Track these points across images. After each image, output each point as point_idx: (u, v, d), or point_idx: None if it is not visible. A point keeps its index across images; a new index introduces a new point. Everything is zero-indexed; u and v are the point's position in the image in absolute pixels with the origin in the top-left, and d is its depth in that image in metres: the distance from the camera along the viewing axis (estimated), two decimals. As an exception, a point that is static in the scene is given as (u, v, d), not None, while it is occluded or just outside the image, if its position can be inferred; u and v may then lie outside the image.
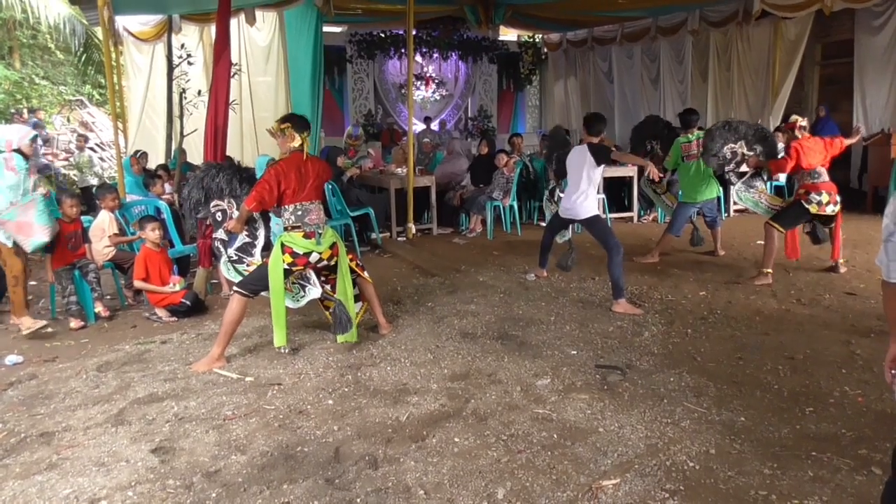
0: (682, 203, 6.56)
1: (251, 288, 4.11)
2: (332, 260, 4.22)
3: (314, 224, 4.08)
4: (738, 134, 5.97)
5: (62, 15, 10.89)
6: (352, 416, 3.32)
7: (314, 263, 4.15)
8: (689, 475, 2.72)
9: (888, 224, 1.84)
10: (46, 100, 12.69)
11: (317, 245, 4.08)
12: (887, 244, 1.85)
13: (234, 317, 4.04)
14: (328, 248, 4.16)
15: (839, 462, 2.78)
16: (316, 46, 7.73)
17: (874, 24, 9.31)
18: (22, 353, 4.45)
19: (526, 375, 3.78)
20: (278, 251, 4.02)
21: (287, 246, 4.03)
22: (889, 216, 1.84)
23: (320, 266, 4.22)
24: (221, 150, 5.44)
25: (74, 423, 3.33)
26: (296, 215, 4.04)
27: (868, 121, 9.65)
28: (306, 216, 4.06)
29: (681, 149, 6.44)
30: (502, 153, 8.30)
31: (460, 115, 14.28)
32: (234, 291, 4.11)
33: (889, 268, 1.87)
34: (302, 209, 4.05)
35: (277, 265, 4.01)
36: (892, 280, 1.88)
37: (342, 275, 4.23)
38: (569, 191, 5.34)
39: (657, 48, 12.05)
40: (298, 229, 4.04)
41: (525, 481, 2.69)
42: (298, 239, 4.03)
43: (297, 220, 4.04)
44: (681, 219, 6.57)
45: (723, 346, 4.22)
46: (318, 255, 4.11)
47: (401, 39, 12.74)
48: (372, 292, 4.54)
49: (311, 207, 4.09)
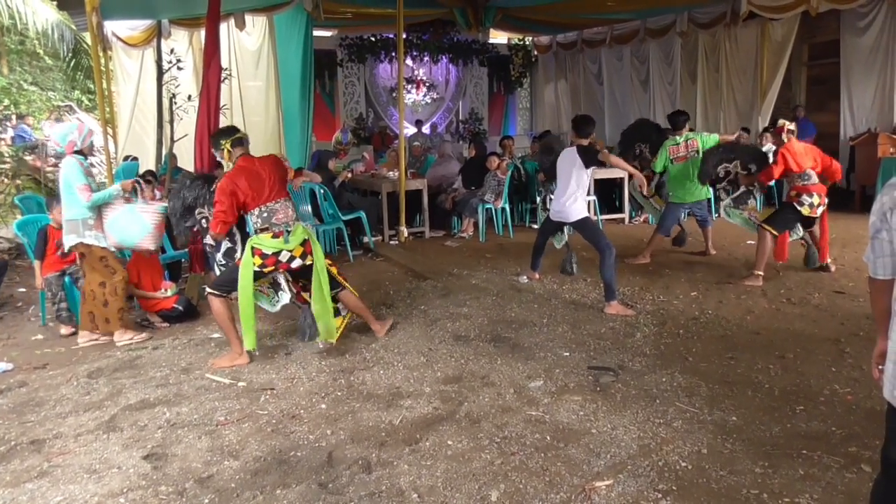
0: (672, 203, 6.60)
1: (224, 289, 4.13)
2: (306, 259, 4.15)
3: (282, 223, 4.06)
4: (734, 154, 6.06)
5: (50, 20, 10.82)
6: (345, 420, 3.32)
7: (286, 262, 4.09)
8: (681, 475, 2.73)
9: (874, 221, 1.87)
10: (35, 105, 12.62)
11: (285, 243, 4.05)
12: (873, 241, 1.89)
13: (222, 314, 4.09)
14: (299, 245, 4.11)
15: (829, 460, 2.80)
16: (306, 50, 7.74)
17: (859, 24, 9.41)
18: (12, 360, 4.42)
19: (519, 377, 3.79)
20: (248, 254, 4.02)
21: (256, 248, 4.03)
22: (875, 213, 1.87)
23: (295, 266, 4.14)
24: (211, 156, 5.42)
25: (65, 430, 3.31)
26: (262, 218, 4.04)
27: (855, 120, 9.74)
28: (273, 216, 4.04)
29: (668, 151, 6.49)
30: (494, 156, 8.32)
31: (451, 118, 14.29)
32: (208, 293, 4.16)
33: (875, 264, 1.90)
34: (267, 210, 4.04)
35: (248, 268, 4.01)
36: (878, 276, 1.91)
37: (317, 274, 4.14)
38: (558, 193, 5.36)
39: (646, 50, 12.11)
40: (266, 231, 4.04)
41: (518, 483, 2.69)
42: (266, 240, 4.03)
43: (263, 221, 4.04)
44: (670, 219, 6.62)
45: (714, 346, 4.24)
46: (289, 252, 4.07)
47: (391, 43, 12.74)
48: (358, 304, 4.50)
49: (277, 207, 4.06)
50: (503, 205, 8.08)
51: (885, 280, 1.89)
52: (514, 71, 14.79)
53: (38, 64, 14.28)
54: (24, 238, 5.30)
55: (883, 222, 1.84)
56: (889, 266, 1.87)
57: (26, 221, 5.48)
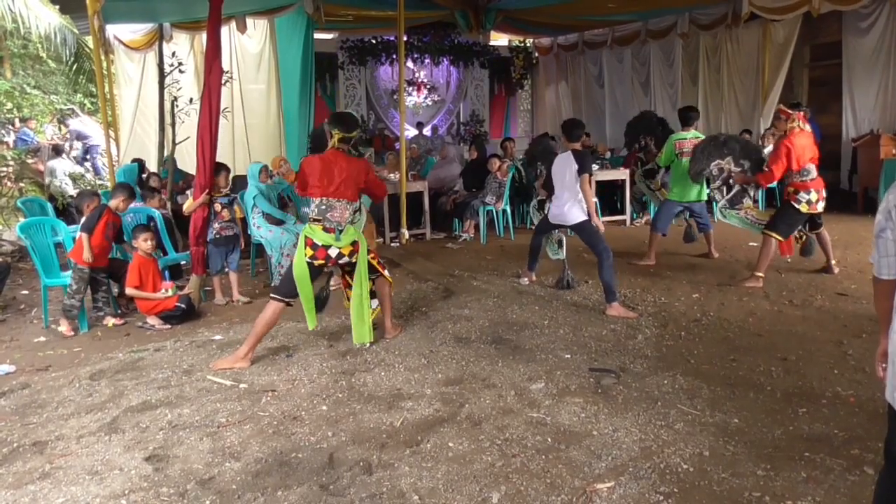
0: (668, 201, 6.55)
1: (282, 291, 4.21)
2: (353, 257, 4.26)
3: (335, 221, 4.15)
4: (725, 149, 5.86)
5: (53, 24, 10.86)
6: (346, 421, 3.32)
7: (334, 259, 4.20)
8: (683, 477, 2.72)
9: (879, 220, 1.86)
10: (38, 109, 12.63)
11: (336, 240, 4.14)
12: (878, 240, 1.87)
13: (267, 321, 4.17)
14: (349, 245, 4.21)
15: (832, 462, 2.79)
16: (307, 53, 7.76)
17: (861, 25, 9.40)
18: (14, 362, 4.43)
19: (520, 379, 3.78)
20: (301, 243, 4.15)
21: (308, 237, 4.14)
22: (881, 212, 1.85)
23: (342, 263, 4.28)
24: (213, 158, 5.44)
25: (67, 431, 3.31)
26: (319, 209, 4.16)
27: (857, 122, 9.73)
28: (329, 212, 4.15)
29: (674, 145, 6.39)
30: (495, 158, 8.32)
31: (452, 120, 14.29)
32: (271, 297, 4.23)
33: (879, 264, 1.88)
34: (326, 204, 4.15)
35: (301, 257, 4.13)
36: (882, 276, 1.89)
37: (359, 273, 4.28)
38: (557, 197, 5.35)
39: (647, 51, 12.11)
40: (319, 223, 4.15)
41: (519, 485, 2.69)
42: (318, 232, 4.13)
43: (319, 213, 4.16)
44: (664, 216, 6.54)
45: (716, 348, 4.23)
46: (338, 250, 4.17)
47: (392, 45, 12.75)
48: (387, 292, 4.56)
49: (337, 205, 4.16)
50: (504, 206, 8.08)
51: (889, 280, 1.87)
52: (515, 73, 14.80)
53: (41, 68, 14.30)
54: (27, 241, 5.31)
55: (888, 220, 1.82)
56: (893, 266, 1.85)
57: (29, 224, 5.49)
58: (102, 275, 5.26)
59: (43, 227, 5.48)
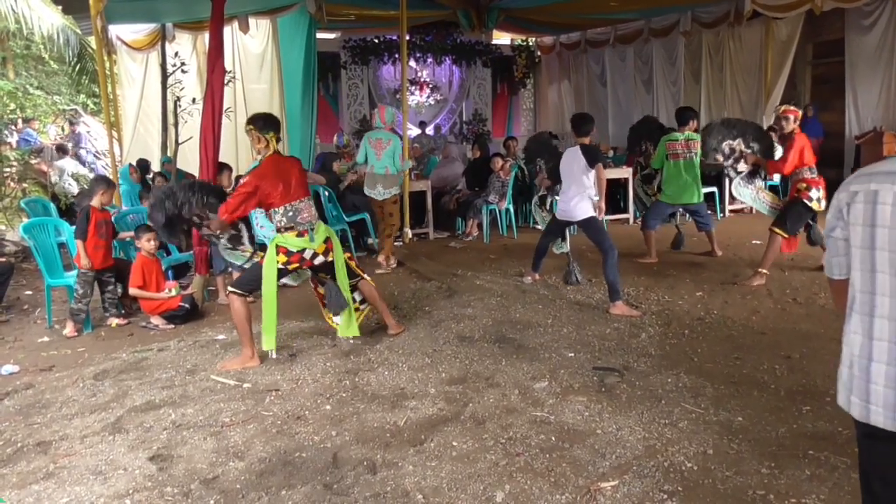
0: (659, 201, 6.56)
1: (246, 288, 4.16)
2: (328, 255, 4.23)
3: (306, 222, 4.10)
4: (736, 130, 5.98)
5: (56, 25, 10.87)
6: (350, 421, 3.32)
7: (309, 260, 4.16)
8: (687, 476, 2.72)
9: (829, 219, 1.78)
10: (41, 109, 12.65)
11: (310, 242, 4.11)
12: (828, 240, 1.80)
13: (241, 315, 4.09)
14: (322, 243, 4.18)
15: (836, 460, 2.79)
16: (309, 53, 7.75)
17: (864, 23, 9.37)
18: (18, 362, 4.44)
19: (523, 378, 3.78)
20: (272, 253, 4.05)
21: (281, 246, 4.07)
22: (831, 211, 1.76)
23: (317, 263, 4.23)
24: (215, 158, 5.44)
25: (71, 431, 3.32)
26: (287, 216, 4.07)
27: (860, 119, 9.71)
28: (298, 216, 4.08)
29: (665, 147, 6.43)
30: (498, 157, 8.31)
31: (455, 120, 14.29)
32: (230, 292, 4.16)
33: (830, 263, 1.82)
34: (293, 209, 4.07)
35: (272, 265, 4.04)
36: (834, 277, 1.83)
37: (338, 269, 4.25)
38: (564, 193, 5.35)
39: (649, 50, 12.09)
40: (291, 230, 4.07)
41: (524, 484, 2.69)
42: (292, 239, 4.07)
43: (289, 220, 4.07)
44: (654, 216, 6.55)
45: (720, 347, 4.22)
46: (313, 250, 4.14)
47: (394, 45, 12.75)
48: (374, 294, 4.55)
49: (301, 206, 4.10)
50: (507, 205, 8.08)
51: (842, 280, 1.80)
52: (518, 72, 14.79)
53: (44, 68, 14.32)
54: (31, 241, 5.32)
55: (838, 219, 1.73)
56: (844, 266, 1.77)
57: (32, 224, 5.51)
58: (108, 275, 5.26)
59: (46, 228, 5.49)
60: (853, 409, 1.73)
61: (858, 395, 1.71)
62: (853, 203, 1.67)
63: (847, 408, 1.77)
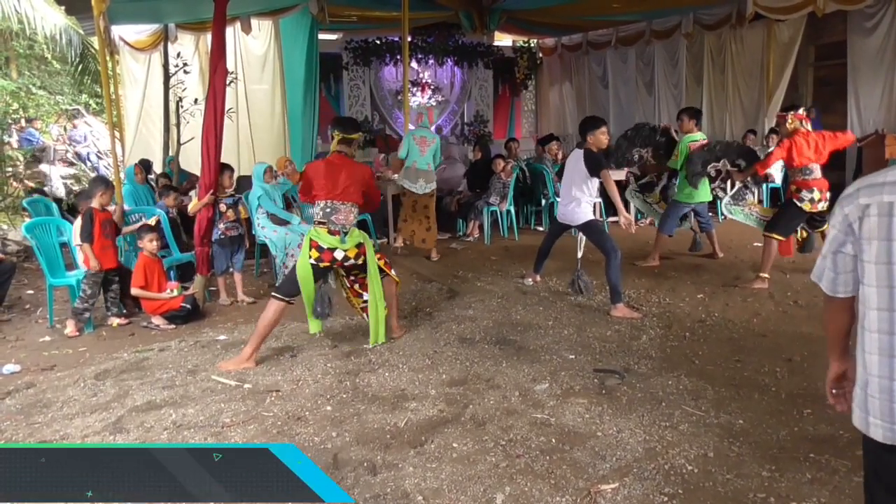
0: (677, 202, 6.54)
1: (285, 291, 4.23)
2: (359, 259, 4.28)
3: (340, 224, 4.18)
4: (718, 153, 6.02)
5: (59, 25, 10.89)
6: (350, 422, 3.32)
7: (340, 261, 4.22)
8: (687, 478, 2.72)
9: (836, 235, 1.70)
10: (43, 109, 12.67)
11: (341, 242, 4.17)
12: (835, 256, 1.72)
13: (268, 321, 4.17)
14: (354, 247, 4.23)
15: (837, 463, 2.79)
16: (311, 54, 7.76)
17: (866, 25, 9.36)
18: (19, 361, 4.44)
19: (524, 380, 3.78)
20: (306, 246, 4.16)
21: (314, 240, 4.15)
22: (837, 226, 1.69)
23: (348, 265, 4.29)
24: (217, 157, 5.45)
25: (72, 431, 3.32)
26: (324, 212, 4.18)
27: (862, 122, 9.68)
28: (333, 214, 4.17)
29: (688, 147, 6.37)
30: (499, 158, 8.32)
31: (456, 121, 14.29)
32: (272, 296, 4.24)
33: (835, 281, 1.74)
34: (331, 207, 4.18)
35: (305, 259, 4.14)
36: (838, 295, 1.76)
37: (372, 276, 4.31)
38: (563, 196, 5.35)
39: (651, 52, 12.08)
40: (324, 225, 4.17)
41: (524, 486, 2.69)
42: (324, 234, 4.16)
43: (324, 216, 4.18)
44: (673, 217, 6.53)
45: (721, 349, 4.22)
46: (344, 252, 4.19)
47: (396, 46, 12.74)
48: (393, 292, 4.59)
49: (341, 207, 4.19)
50: (508, 207, 8.08)
51: (847, 298, 1.74)
52: (519, 73, 14.78)
53: (47, 68, 14.33)
54: (33, 241, 5.33)
55: (847, 235, 1.66)
56: (851, 283, 1.70)
57: (34, 224, 5.51)
58: (112, 274, 5.25)
59: (48, 228, 5.50)
60: (873, 431, 1.64)
61: (880, 416, 1.62)
62: (865, 217, 1.60)
63: (865, 429, 1.67)
